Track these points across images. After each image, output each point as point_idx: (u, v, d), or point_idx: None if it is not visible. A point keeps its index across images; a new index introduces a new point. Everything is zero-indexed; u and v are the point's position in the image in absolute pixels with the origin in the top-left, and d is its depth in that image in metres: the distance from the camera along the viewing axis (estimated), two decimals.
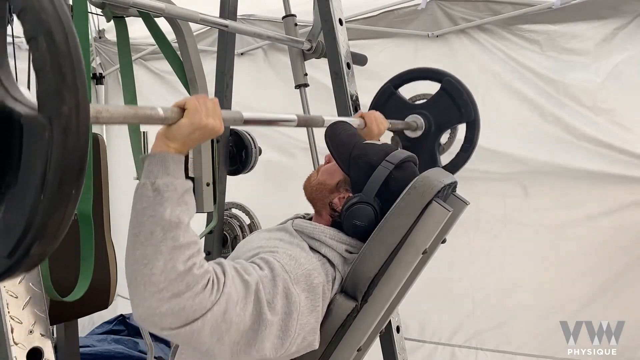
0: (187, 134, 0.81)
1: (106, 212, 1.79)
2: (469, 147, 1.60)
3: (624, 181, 2.17)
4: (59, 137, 0.47)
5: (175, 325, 0.77)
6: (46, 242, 0.50)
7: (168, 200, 0.77)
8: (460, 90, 1.56)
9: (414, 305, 2.52)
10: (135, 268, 0.76)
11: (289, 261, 0.95)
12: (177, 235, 0.77)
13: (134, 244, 0.77)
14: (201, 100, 0.82)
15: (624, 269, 2.21)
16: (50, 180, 0.47)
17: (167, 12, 1.18)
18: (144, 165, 0.80)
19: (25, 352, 0.79)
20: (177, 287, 0.76)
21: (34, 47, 0.46)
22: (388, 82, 1.68)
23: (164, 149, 0.81)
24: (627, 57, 2.15)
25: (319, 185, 1.14)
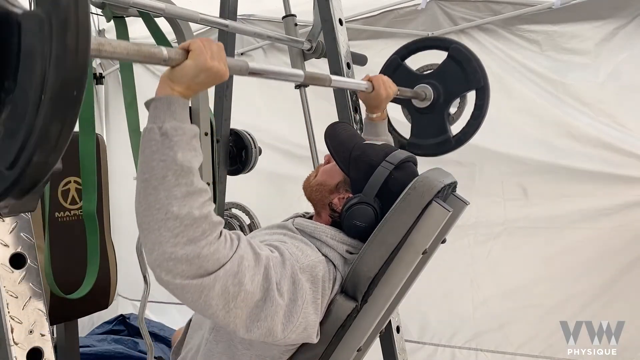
0: (192, 76, 0.78)
1: (106, 212, 1.79)
2: (479, 114, 1.57)
3: (623, 181, 2.17)
4: (58, 32, 0.44)
5: (188, 274, 0.75)
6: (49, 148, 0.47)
7: (177, 145, 0.76)
8: (468, 56, 1.53)
9: (414, 307, 2.53)
10: (148, 213, 0.75)
11: (296, 251, 0.95)
12: (190, 180, 0.76)
13: (146, 189, 0.75)
14: (206, 43, 0.80)
15: (624, 269, 2.21)
16: (51, 80, 0.44)
17: (167, 12, 1.18)
18: (149, 109, 0.79)
19: (25, 352, 0.79)
20: (192, 233, 0.75)
21: None
22: (394, 53, 1.66)
23: (168, 92, 0.79)
24: (627, 57, 2.15)
25: (318, 185, 1.14)
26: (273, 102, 2.89)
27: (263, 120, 2.89)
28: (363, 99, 1.42)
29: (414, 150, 1.68)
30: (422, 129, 1.66)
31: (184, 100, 0.79)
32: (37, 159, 0.46)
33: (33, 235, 0.81)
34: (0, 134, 0.49)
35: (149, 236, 0.75)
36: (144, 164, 0.76)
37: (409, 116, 1.69)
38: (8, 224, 0.79)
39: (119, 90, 3.40)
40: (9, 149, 0.47)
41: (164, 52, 0.75)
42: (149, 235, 0.75)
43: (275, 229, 1.11)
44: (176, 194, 0.74)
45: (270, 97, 2.91)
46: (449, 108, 1.61)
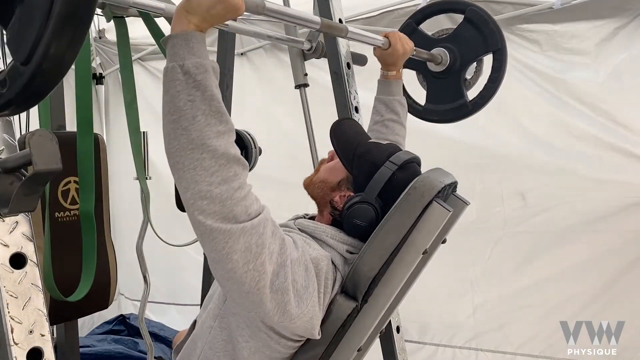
0: (208, 6, 0.78)
1: (106, 213, 1.79)
2: (496, 77, 1.53)
3: (624, 181, 2.17)
4: None
5: (219, 216, 0.76)
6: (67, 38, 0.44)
7: (202, 83, 0.76)
8: (485, 18, 1.50)
9: (415, 308, 2.53)
10: (182, 154, 0.76)
11: (303, 244, 0.96)
12: (219, 119, 0.77)
13: (176, 130, 0.76)
14: None
15: (624, 269, 2.21)
16: None
17: (167, 12, 1.18)
18: (167, 47, 0.78)
19: (25, 352, 0.79)
20: (227, 173, 0.76)
21: None
22: (409, 18, 1.63)
23: (184, 26, 0.78)
24: (627, 57, 2.15)
25: (320, 183, 1.14)
26: (273, 102, 2.89)
27: (263, 120, 2.89)
28: (379, 56, 1.41)
29: (430, 116, 1.65)
30: (437, 94, 1.63)
31: (201, 34, 0.79)
32: (54, 51, 0.44)
33: (33, 235, 0.81)
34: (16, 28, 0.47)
35: (184, 175, 0.76)
36: (170, 104, 0.76)
37: (424, 82, 1.66)
38: (8, 224, 0.79)
39: (119, 90, 3.40)
40: (24, 41, 0.45)
41: None
42: (185, 174, 0.76)
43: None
44: (209, 133, 0.75)
45: (271, 97, 2.91)
46: (465, 72, 1.58)
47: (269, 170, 2.73)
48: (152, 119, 2.62)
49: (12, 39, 0.48)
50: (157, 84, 3.23)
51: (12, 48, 0.48)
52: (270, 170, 2.73)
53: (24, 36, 0.45)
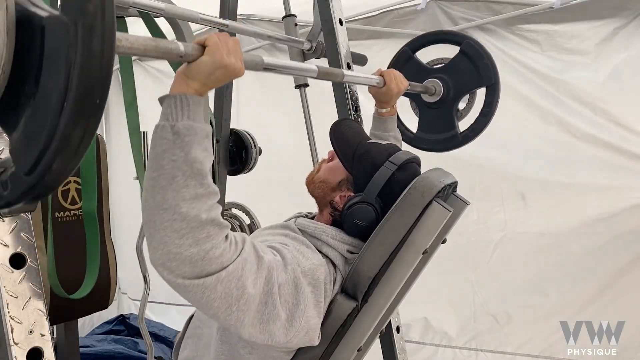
0: (208, 73, 0.77)
1: (106, 212, 1.79)
2: (488, 111, 1.55)
3: (624, 181, 2.17)
4: (84, 37, 0.43)
5: (190, 275, 0.75)
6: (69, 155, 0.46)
7: (189, 145, 0.75)
8: (481, 52, 1.51)
9: (415, 308, 2.53)
10: (155, 212, 0.74)
11: (297, 254, 0.95)
12: (199, 182, 0.75)
13: (154, 188, 0.75)
14: (222, 38, 0.79)
15: (624, 269, 2.21)
16: (74, 85, 0.44)
17: (167, 12, 1.18)
18: (163, 105, 0.78)
19: (25, 352, 0.79)
20: (198, 235, 0.75)
21: None
22: (405, 45, 1.64)
23: (183, 89, 0.78)
24: (627, 57, 2.15)
25: (321, 182, 1.14)
26: (273, 102, 2.89)
27: (263, 120, 2.89)
28: (373, 94, 1.40)
29: (420, 145, 1.66)
30: (429, 123, 1.64)
31: (199, 97, 0.78)
32: (57, 166, 0.46)
33: (33, 235, 0.81)
34: (20, 138, 0.48)
35: (154, 235, 0.75)
36: (154, 161, 0.75)
37: (417, 110, 1.67)
38: (8, 224, 0.79)
39: (119, 90, 3.40)
40: (28, 154, 0.46)
41: (181, 47, 0.74)
42: (155, 234, 0.75)
43: (277, 229, 1.11)
44: (185, 195, 0.74)
45: (271, 97, 2.91)
46: (457, 104, 1.59)
47: (269, 170, 2.73)
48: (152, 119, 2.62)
49: (15, 148, 0.49)
50: (157, 84, 3.23)
51: (15, 157, 0.49)
52: (270, 170, 2.73)
53: (28, 149, 0.46)
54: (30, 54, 0.47)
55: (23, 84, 0.48)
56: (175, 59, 0.75)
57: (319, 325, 0.95)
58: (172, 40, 0.74)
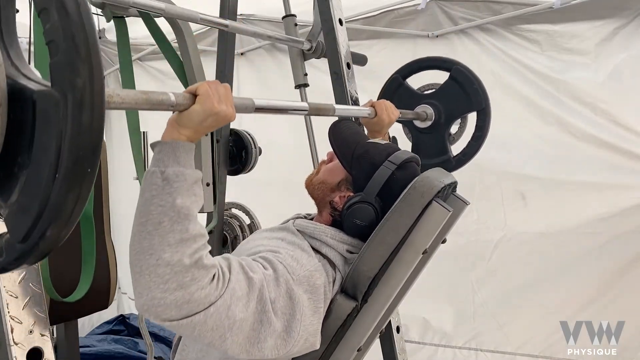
0: (199, 121, 0.79)
1: (106, 212, 1.79)
2: (480, 135, 1.57)
3: (624, 182, 2.18)
4: (74, 112, 0.45)
5: (177, 317, 0.76)
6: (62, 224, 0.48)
7: (177, 191, 0.76)
8: (470, 78, 1.54)
9: (415, 308, 2.53)
10: (140, 257, 0.75)
11: (291, 262, 0.94)
12: (184, 227, 0.76)
13: (141, 233, 0.75)
14: (213, 86, 0.80)
15: (624, 269, 2.21)
16: (65, 157, 0.46)
17: (167, 12, 1.18)
18: (154, 152, 0.79)
19: (25, 352, 0.79)
20: (182, 279, 0.75)
21: (45, 18, 0.45)
22: (396, 72, 1.66)
23: (175, 136, 0.79)
24: (627, 57, 2.15)
25: (320, 184, 1.14)
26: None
27: (263, 120, 2.89)
28: (365, 124, 1.42)
29: None
30: (422, 148, 1.66)
31: (190, 144, 0.80)
32: (49, 234, 0.47)
33: None
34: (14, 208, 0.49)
35: (139, 280, 0.75)
36: (142, 207, 0.76)
37: (410, 135, 1.70)
38: None
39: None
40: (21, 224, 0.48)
41: (172, 97, 0.75)
42: (140, 279, 0.75)
43: (275, 232, 1.10)
44: (170, 240, 0.75)
45: (271, 98, 2.91)
46: (449, 128, 1.61)
47: (269, 170, 2.73)
48: (152, 119, 2.63)
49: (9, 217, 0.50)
50: (157, 84, 3.23)
51: (9, 225, 0.50)
52: (270, 171, 2.73)
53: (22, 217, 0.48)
54: (22, 126, 0.48)
55: (16, 155, 0.49)
56: (168, 109, 0.77)
57: (319, 330, 0.95)
58: (163, 91, 0.75)
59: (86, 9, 0.46)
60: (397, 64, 1.79)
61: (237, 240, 1.79)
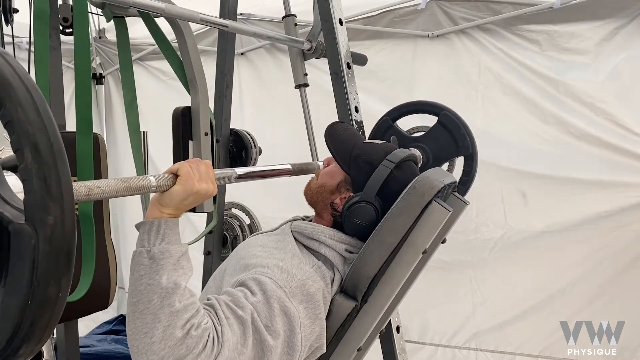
0: (180, 200, 0.82)
1: (106, 212, 1.78)
2: (467, 180, 1.61)
3: (623, 182, 2.18)
4: (44, 246, 0.49)
5: None
6: (34, 343, 0.51)
7: (164, 268, 0.78)
8: (457, 124, 1.57)
9: (415, 308, 2.53)
10: (136, 337, 0.77)
11: (281, 275, 0.93)
12: (173, 301, 0.78)
13: (134, 313, 0.78)
14: (194, 166, 0.84)
15: (624, 269, 2.22)
16: (37, 285, 0.49)
17: (167, 12, 1.18)
18: (139, 232, 0.82)
19: None
20: (177, 352, 0.77)
21: (20, 158, 0.48)
22: (386, 114, 1.70)
23: (157, 215, 0.83)
24: (627, 57, 2.15)
25: (319, 188, 1.14)
26: (273, 103, 2.89)
27: (263, 120, 2.89)
28: None
29: None
30: None
31: (174, 220, 0.83)
32: (23, 350, 0.51)
33: None
34: None
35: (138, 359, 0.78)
36: (133, 287, 0.79)
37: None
38: None
39: (119, 90, 3.40)
40: None
41: (153, 182, 0.79)
42: (138, 358, 0.77)
43: (272, 236, 1.10)
44: (160, 316, 0.76)
45: (270, 97, 2.91)
46: None
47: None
48: (152, 119, 2.63)
49: None
50: (157, 84, 3.23)
51: None
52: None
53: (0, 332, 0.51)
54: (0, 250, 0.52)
55: None
56: (148, 192, 0.80)
57: (323, 334, 0.96)
58: (144, 176, 0.79)
59: (59, 149, 0.49)
60: (397, 64, 1.80)
61: (237, 240, 1.79)
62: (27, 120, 0.48)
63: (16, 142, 0.48)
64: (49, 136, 0.49)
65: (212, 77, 1.58)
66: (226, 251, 1.80)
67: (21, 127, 0.47)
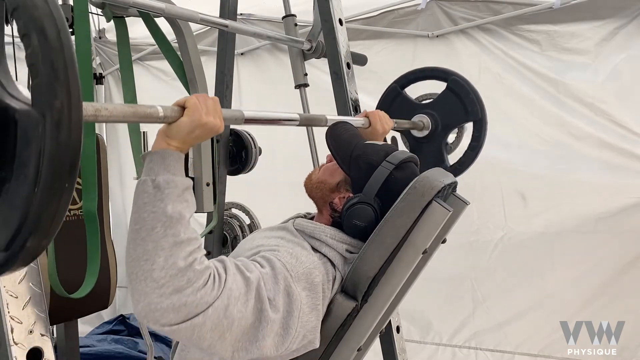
0: (187, 132, 0.81)
1: (106, 212, 1.79)
2: (476, 145, 1.59)
3: (623, 182, 2.18)
4: (52, 131, 0.48)
5: (176, 321, 0.77)
6: (41, 235, 0.50)
7: (169, 197, 0.78)
8: (467, 89, 1.55)
9: (415, 307, 2.53)
10: (135, 264, 0.76)
11: (290, 259, 0.94)
12: (177, 231, 0.77)
13: (135, 240, 0.77)
14: (201, 99, 0.83)
15: (624, 269, 2.22)
16: (44, 173, 0.48)
17: (167, 12, 1.18)
18: (145, 162, 0.81)
19: (25, 352, 0.79)
20: (178, 282, 0.76)
21: (27, 43, 0.47)
22: (394, 82, 1.67)
23: (164, 146, 0.82)
24: (627, 57, 2.15)
25: (319, 183, 1.14)
26: (273, 103, 2.89)
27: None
28: None
29: None
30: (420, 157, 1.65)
31: (179, 153, 0.82)
32: (29, 244, 0.50)
33: None
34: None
35: (136, 287, 0.77)
36: (136, 214, 0.78)
37: (408, 144, 1.71)
38: None
39: (119, 90, 3.40)
40: (2, 234, 0.51)
41: (160, 111, 0.78)
42: (136, 285, 0.76)
43: (275, 231, 1.11)
44: (163, 245, 0.76)
45: (270, 97, 2.91)
46: (446, 138, 1.63)
47: (269, 170, 2.73)
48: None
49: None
50: (157, 84, 3.23)
51: None
52: (270, 170, 2.73)
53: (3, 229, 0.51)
54: (5, 142, 0.51)
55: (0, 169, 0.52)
56: (156, 122, 0.79)
57: (317, 328, 0.95)
58: (151, 105, 0.77)
59: (66, 35, 0.48)
60: (397, 64, 1.80)
61: (237, 240, 1.79)
62: (33, 5, 0.47)
63: (23, 27, 0.47)
64: (56, 22, 0.48)
65: (212, 77, 1.58)
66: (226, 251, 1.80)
67: (28, 13, 0.47)
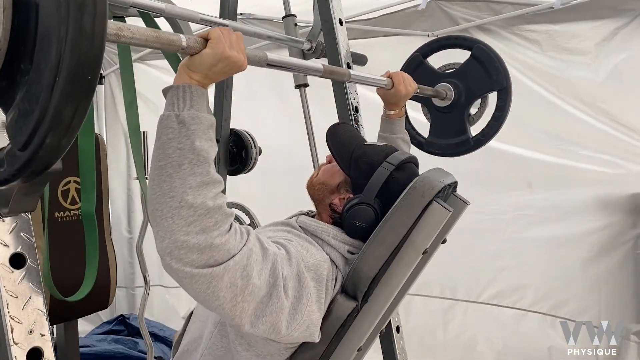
0: (210, 65, 0.77)
1: (106, 212, 1.79)
2: (500, 115, 1.55)
3: (624, 181, 2.18)
4: (75, 15, 0.44)
5: (198, 264, 0.75)
6: (62, 130, 0.47)
7: (195, 133, 0.75)
8: (492, 56, 1.51)
9: (446, 272, 2.50)
10: (161, 200, 0.74)
11: (302, 250, 0.95)
12: (205, 170, 0.76)
13: (160, 176, 0.75)
14: (225, 32, 0.79)
15: (624, 269, 2.21)
16: (66, 62, 0.45)
17: (167, 12, 1.18)
18: (167, 96, 0.78)
19: (25, 352, 0.79)
20: (205, 222, 0.74)
21: None
22: (416, 50, 1.64)
23: (186, 80, 0.78)
24: (627, 57, 2.15)
25: (320, 184, 1.14)
26: (273, 102, 2.89)
27: (263, 120, 2.89)
28: (381, 95, 1.40)
29: (432, 150, 1.66)
30: (441, 128, 1.63)
31: (202, 89, 0.79)
32: (49, 141, 0.47)
33: (33, 235, 0.81)
34: (15, 115, 0.49)
35: (161, 223, 0.75)
36: (160, 150, 0.75)
37: (429, 115, 1.67)
38: (8, 224, 0.79)
39: (119, 90, 3.40)
40: (22, 130, 0.47)
41: (183, 40, 0.74)
42: (162, 222, 0.75)
43: (279, 226, 1.11)
44: (191, 182, 0.74)
45: (270, 97, 2.91)
46: (469, 108, 1.59)
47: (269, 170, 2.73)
48: (152, 119, 2.62)
49: (10, 125, 0.50)
50: (157, 84, 3.21)
51: (10, 133, 0.50)
52: (270, 171, 2.73)
53: (23, 125, 0.47)
54: (25, 31, 0.47)
55: (19, 62, 0.48)
56: (178, 51, 0.76)
57: (319, 320, 0.95)
58: (175, 33, 0.74)
59: None
60: (398, 64, 1.79)
61: None
62: None
63: None
64: None
65: None
66: None
67: None
